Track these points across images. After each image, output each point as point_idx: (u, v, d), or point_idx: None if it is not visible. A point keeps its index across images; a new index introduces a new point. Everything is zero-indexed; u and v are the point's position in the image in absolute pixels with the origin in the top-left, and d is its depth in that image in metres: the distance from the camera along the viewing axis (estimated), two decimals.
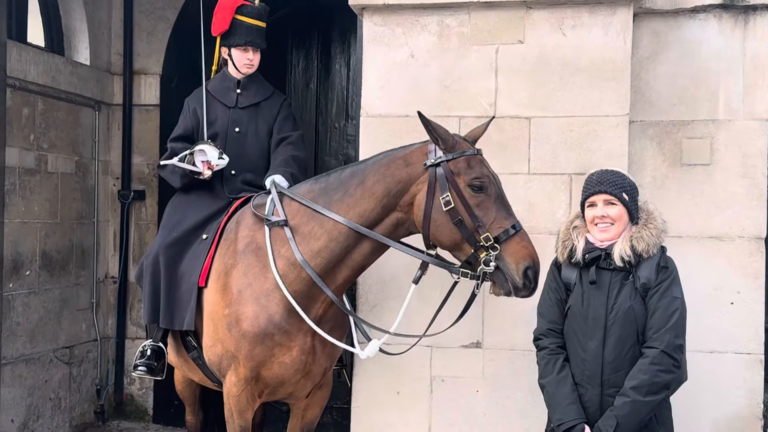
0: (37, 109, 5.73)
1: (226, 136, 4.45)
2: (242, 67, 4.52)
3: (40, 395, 5.87)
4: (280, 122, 4.53)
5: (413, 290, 3.64)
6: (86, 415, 6.39)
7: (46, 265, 5.87)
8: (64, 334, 6.09)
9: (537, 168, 3.98)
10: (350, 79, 6.46)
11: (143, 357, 4.14)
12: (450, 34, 4.07)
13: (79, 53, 6.31)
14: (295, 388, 3.94)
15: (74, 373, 6.23)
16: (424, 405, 4.09)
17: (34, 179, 5.72)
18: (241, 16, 4.48)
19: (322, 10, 6.27)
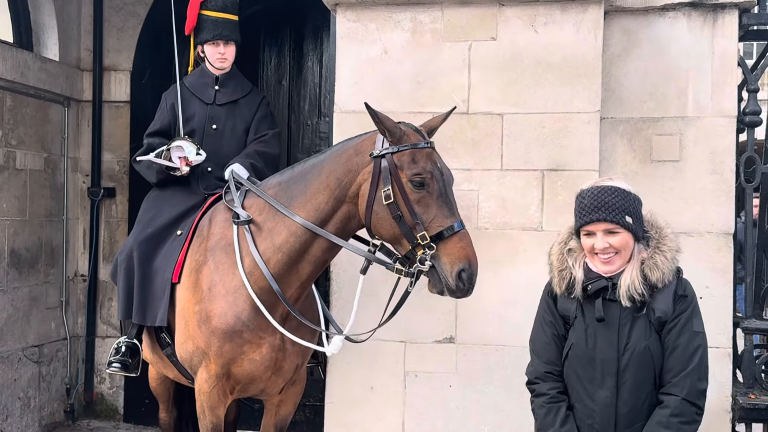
0: (6, 105, 5.66)
1: (203, 132, 4.44)
2: (215, 61, 4.51)
3: (9, 394, 5.80)
4: (258, 121, 4.54)
5: (362, 281, 3.59)
6: (56, 414, 6.33)
7: (15, 263, 5.80)
8: (33, 333, 6.02)
9: (510, 164, 4.01)
10: (323, 76, 6.45)
11: (117, 354, 4.12)
12: (423, 31, 4.08)
13: (48, 49, 6.24)
14: (267, 384, 3.93)
15: (44, 372, 6.16)
16: (398, 400, 4.10)
17: (2, 176, 5.65)
18: (207, 11, 4.49)
19: (294, 7, 6.25)
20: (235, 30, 4.55)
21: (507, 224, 4.00)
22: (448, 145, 4.03)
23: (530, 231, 3.98)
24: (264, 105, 4.62)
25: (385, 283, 4.06)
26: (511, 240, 4.01)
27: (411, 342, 4.08)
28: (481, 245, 3.99)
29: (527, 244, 3.98)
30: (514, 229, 3.98)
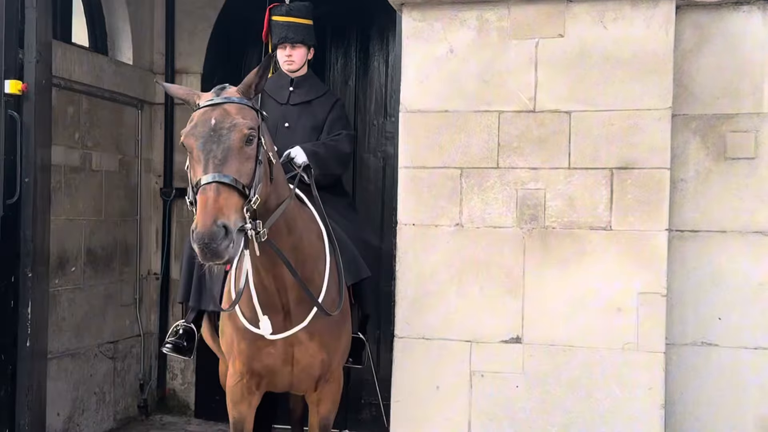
0: (82, 108, 5.84)
1: (275, 130, 4.55)
2: (283, 64, 4.67)
3: (85, 389, 5.98)
4: (331, 121, 4.66)
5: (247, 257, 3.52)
6: (130, 409, 6.50)
7: (91, 261, 5.98)
8: (108, 330, 6.19)
9: (578, 162, 3.96)
10: (388, 76, 6.47)
11: (174, 336, 4.23)
12: (489, 29, 4.06)
13: (122, 53, 6.41)
14: (291, 379, 3.95)
15: (118, 368, 6.34)
16: (464, 400, 4.08)
17: (79, 177, 5.83)
18: (275, 16, 4.68)
19: (360, 8, 6.29)
20: (304, 33, 4.67)
21: (574, 223, 3.95)
22: (514, 144, 4.01)
23: (599, 230, 3.92)
24: (339, 107, 4.74)
25: (451, 282, 4.07)
26: (579, 239, 3.95)
27: (477, 342, 4.06)
28: (548, 244, 3.98)
29: (595, 243, 3.92)
30: (581, 229, 3.93)
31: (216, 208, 3.02)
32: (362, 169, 6.56)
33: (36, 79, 4.70)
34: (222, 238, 2.98)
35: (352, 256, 4.21)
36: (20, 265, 4.72)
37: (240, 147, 3.19)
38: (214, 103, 3.27)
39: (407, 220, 4.15)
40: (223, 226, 3.00)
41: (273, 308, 3.76)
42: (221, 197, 3.05)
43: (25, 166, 4.68)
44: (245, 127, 3.22)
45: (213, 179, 3.06)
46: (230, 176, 3.10)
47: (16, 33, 4.67)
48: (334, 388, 4.11)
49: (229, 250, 3.01)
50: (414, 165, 4.15)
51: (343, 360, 4.14)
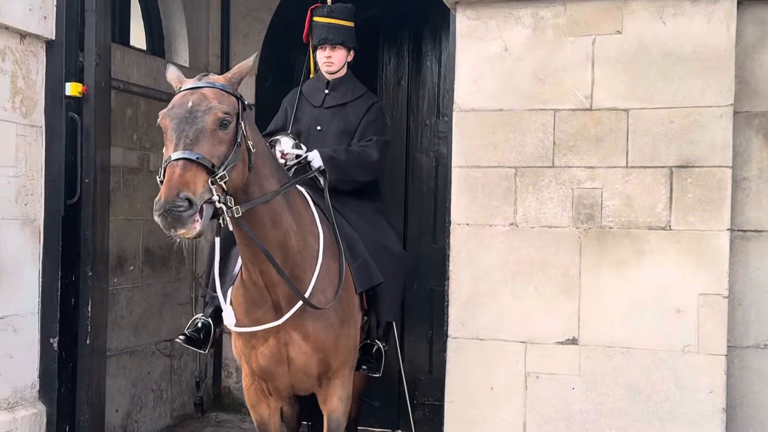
0: (140, 110, 5.94)
1: (308, 133, 4.59)
2: (322, 65, 4.67)
3: (143, 386, 6.09)
4: (364, 125, 4.61)
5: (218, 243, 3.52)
6: (186, 406, 6.59)
7: (149, 261, 6.08)
8: (165, 328, 6.29)
9: (636, 161, 3.88)
10: (441, 75, 6.46)
11: (192, 328, 4.25)
12: (545, 26, 4.01)
13: (178, 55, 6.51)
14: (289, 380, 3.93)
15: (175, 366, 6.43)
16: (519, 401, 4.04)
17: (137, 178, 5.93)
18: (317, 17, 4.67)
19: (413, 8, 6.29)
20: (344, 34, 4.64)
21: (632, 223, 3.88)
22: (570, 143, 3.95)
23: (657, 230, 3.85)
24: (374, 110, 4.67)
25: (505, 282, 4.03)
26: (637, 239, 3.88)
27: (532, 343, 4.02)
28: (604, 244, 3.91)
29: (654, 243, 3.85)
30: (640, 228, 3.85)
31: (181, 182, 3.02)
32: (414, 169, 6.55)
33: (96, 81, 4.80)
34: (185, 209, 2.99)
35: (364, 263, 4.19)
36: (80, 264, 4.83)
37: (213, 129, 3.20)
38: (194, 87, 3.30)
39: (461, 220, 4.13)
40: (186, 199, 3.00)
41: (264, 304, 3.76)
42: (188, 173, 3.05)
43: (86, 167, 4.79)
44: (220, 111, 3.22)
45: (181, 156, 3.08)
46: (199, 154, 3.10)
47: (76, 36, 4.78)
48: (338, 384, 4.04)
49: (193, 220, 3.01)
50: (467, 164, 4.12)
51: (347, 363, 4.07)
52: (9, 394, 4.59)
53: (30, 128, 4.68)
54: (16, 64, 4.58)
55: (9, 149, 4.55)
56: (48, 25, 4.68)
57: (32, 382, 4.75)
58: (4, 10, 4.40)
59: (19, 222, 4.64)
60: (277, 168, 3.81)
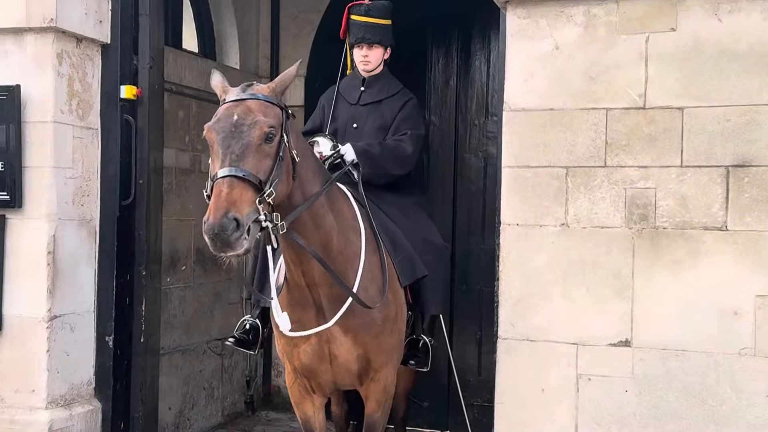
0: (192, 112, 6.03)
1: (344, 131, 4.61)
2: (359, 64, 4.68)
3: (194, 385, 6.17)
4: (399, 121, 4.61)
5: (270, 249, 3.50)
6: (237, 405, 6.67)
7: (200, 260, 6.16)
8: (216, 327, 6.37)
9: (690, 160, 3.82)
10: (490, 75, 6.43)
11: (241, 330, 4.30)
12: (597, 24, 3.96)
13: (229, 57, 6.59)
14: (332, 376, 3.93)
15: (226, 365, 6.51)
16: (571, 404, 4.00)
17: (189, 179, 6.02)
18: (354, 16, 4.66)
19: (462, 7, 6.28)
20: (381, 33, 4.64)
21: (687, 223, 3.81)
22: (623, 142, 3.90)
23: (713, 230, 3.78)
24: (410, 106, 4.65)
25: (557, 283, 4.00)
26: (692, 240, 3.82)
27: (584, 344, 3.98)
28: (658, 245, 3.85)
29: (710, 244, 3.78)
30: (695, 229, 3.79)
31: (228, 201, 3.04)
32: (463, 170, 6.53)
33: (149, 84, 4.89)
34: (232, 230, 3.00)
35: (407, 256, 4.18)
36: (135, 263, 4.92)
37: (258, 144, 3.21)
38: (239, 99, 3.31)
39: (511, 220, 4.10)
40: (234, 219, 3.02)
41: (305, 304, 3.77)
42: (234, 191, 3.07)
43: (140, 168, 4.87)
44: (265, 125, 3.23)
45: (228, 173, 3.09)
46: (246, 170, 3.12)
47: (131, 40, 4.88)
48: (378, 387, 4.02)
49: (241, 241, 3.03)
50: (517, 164, 4.09)
51: (390, 362, 4.05)
52: (66, 391, 4.70)
53: (86, 130, 4.79)
54: (72, 67, 4.68)
55: (66, 151, 4.65)
56: (103, 30, 4.79)
57: (88, 380, 4.85)
58: (61, 15, 4.51)
59: (76, 222, 4.74)
60: (318, 169, 3.83)
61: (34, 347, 4.58)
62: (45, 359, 4.57)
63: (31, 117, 4.58)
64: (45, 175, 4.57)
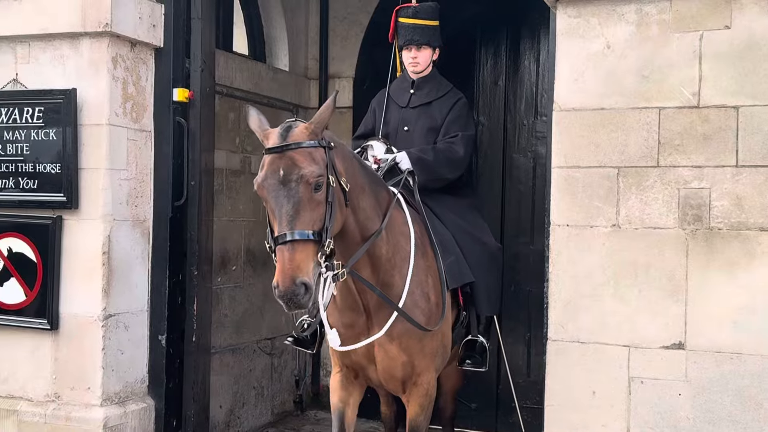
0: (242, 114, 6.09)
1: (396, 134, 4.64)
2: (408, 66, 4.69)
3: (244, 383, 6.24)
4: (449, 122, 4.61)
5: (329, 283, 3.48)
6: (286, 404, 6.72)
7: (250, 260, 6.23)
8: (266, 326, 6.43)
9: (746, 160, 3.74)
10: (539, 74, 6.38)
11: (299, 329, 4.35)
12: (649, 23, 3.91)
13: (278, 60, 6.65)
14: (376, 376, 4.01)
15: (275, 364, 6.57)
16: (622, 407, 3.96)
17: (239, 180, 6.09)
18: (402, 18, 4.68)
19: (511, 7, 6.24)
20: (429, 34, 4.65)
21: (743, 224, 3.74)
22: (676, 142, 3.84)
23: None
24: (459, 107, 4.65)
25: (608, 285, 3.96)
26: (748, 241, 3.74)
27: (636, 347, 3.93)
28: (713, 246, 3.79)
29: (766, 245, 3.70)
30: (751, 230, 3.71)
31: (293, 267, 3.17)
32: (512, 170, 6.50)
33: (201, 87, 4.96)
34: (303, 295, 3.16)
35: (455, 261, 4.20)
36: (187, 263, 4.99)
37: (309, 197, 3.28)
38: (281, 150, 3.30)
39: (560, 221, 4.07)
40: (303, 284, 3.16)
41: (356, 309, 3.84)
42: (296, 254, 3.19)
43: (191, 169, 4.95)
44: (311, 176, 3.27)
45: (289, 238, 3.20)
46: (303, 231, 3.22)
47: (183, 43, 4.95)
48: (420, 392, 4.04)
49: (311, 299, 3.21)
50: (567, 165, 4.06)
51: (432, 364, 4.05)
52: (120, 389, 4.79)
53: (140, 133, 4.88)
54: (126, 71, 4.77)
55: (121, 153, 4.74)
56: (157, 33, 4.87)
57: (142, 378, 4.94)
58: (116, 19, 4.60)
59: (130, 223, 4.83)
60: (370, 183, 3.84)
61: (89, 346, 4.68)
62: (100, 357, 4.66)
63: (87, 120, 4.68)
64: (100, 176, 4.67)
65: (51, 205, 4.74)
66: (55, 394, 4.76)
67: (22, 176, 4.78)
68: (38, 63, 4.78)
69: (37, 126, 4.73)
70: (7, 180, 4.80)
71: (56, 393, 4.75)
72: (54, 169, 4.70)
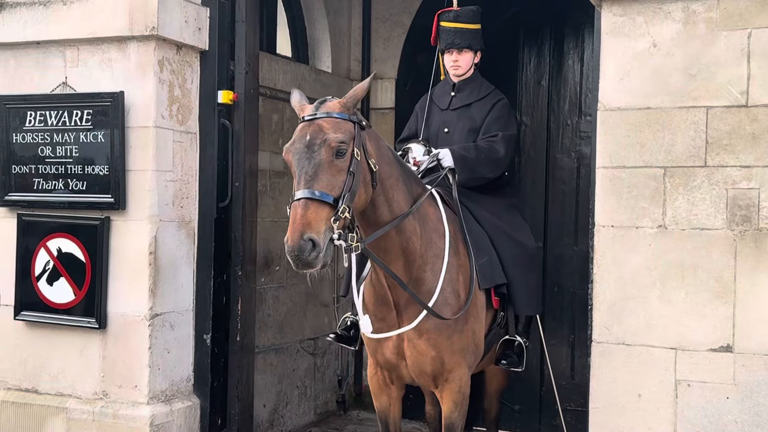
0: (285, 116, 6.14)
1: (436, 136, 4.68)
2: (450, 69, 4.74)
3: (288, 383, 6.28)
4: (489, 122, 4.62)
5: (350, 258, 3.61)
6: (329, 403, 6.75)
7: None
8: (308, 326, 6.47)
9: None
10: (583, 74, 6.33)
11: (342, 326, 4.41)
12: (696, 21, 3.86)
13: (321, 61, 6.69)
14: (407, 373, 4.04)
15: (318, 364, 6.60)
16: (669, 410, 3.91)
17: (282, 181, 6.13)
18: (443, 22, 4.72)
19: (554, 6, 6.20)
20: (470, 37, 4.67)
21: None
22: (724, 141, 3.79)
23: None
24: (499, 107, 4.66)
25: (654, 286, 3.91)
26: None
27: (682, 349, 3.87)
28: (762, 247, 3.72)
29: None
30: None
31: (303, 222, 3.21)
32: (555, 170, 6.45)
33: (245, 89, 5.00)
34: (309, 251, 3.18)
35: (488, 261, 4.21)
36: (231, 264, 5.04)
37: (330, 161, 3.35)
38: (312, 118, 3.45)
39: (605, 222, 4.03)
40: (310, 240, 3.19)
41: (386, 304, 3.89)
42: (309, 212, 3.23)
43: (236, 171, 5.00)
44: (335, 141, 3.36)
45: (302, 195, 3.26)
46: (319, 191, 3.27)
47: (227, 46, 5.01)
48: (453, 388, 4.04)
49: (319, 259, 3.22)
50: (612, 165, 4.02)
51: (463, 361, 4.05)
52: (166, 387, 4.86)
53: (185, 135, 4.94)
54: (173, 74, 4.84)
55: (167, 155, 4.81)
56: (202, 37, 4.93)
57: (187, 376, 5.00)
58: (162, 23, 4.67)
59: (176, 224, 4.90)
60: (404, 174, 3.88)
61: (136, 344, 4.75)
62: (147, 356, 4.73)
63: (134, 122, 4.76)
64: (147, 178, 4.74)
65: (99, 206, 4.82)
66: (103, 392, 4.84)
67: (71, 178, 4.87)
68: (87, 66, 4.87)
69: (86, 128, 4.82)
70: (56, 182, 4.90)
71: (104, 391, 4.84)
72: (102, 170, 4.78)
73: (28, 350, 5.00)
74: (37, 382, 4.96)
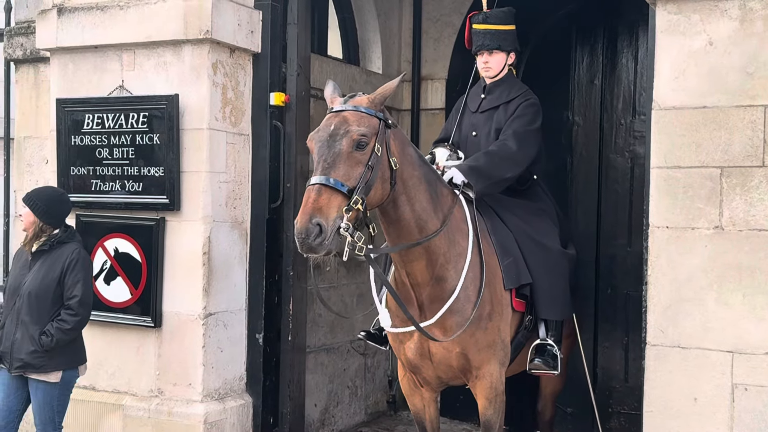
0: None
1: (465, 140, 4.66)
2: (481, 71, 4.73)
3: (339, 383, 6.32)
4: (510, 121, 4.56)
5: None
6: (379, 404, 6.77)
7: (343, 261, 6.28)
8: (359, 327, 6.47)
9: None
10: (638, 73, 6.25)
11: (375, 326, 4.41)
12: (753, 18, 3.78)
13: (372, 63, 6.71)
14: (434, 372, 4.03)
15: (368, 364, 6.62)
16: (725, 414, 3.83)
17: None
18: (474, 24, 4.71)
19: (607, 5, 6.13)
20: (500, 38, 4.62)
21: None
22: None
23: None
24: (523, 107, 4.56)
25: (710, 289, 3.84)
26: None
27: (740, 353, 3.80)
28: None
29: None
30: None
31: (314, 207, 3.24)
32: (608, 170, 6.38)
33: (297, 91, 5.06)
34: (315, 235, 3.20)
35: (513, 261, 4.19)
36: (283, 264, 5.09)
37: (349, 152, 3.38)
38: (340, 110, 3.51)
39: (660, 223, 3.97)
40: (318, 224, 3.21)
41: (409, 302, 3.89)
42: (321, 198, 3.27)
43: (287, 172, 5.05)
44: (356, 133, 3.40)
45: (317, 181, 3.30)
46: (334, 179, 3.31)
47: (279, 48, 5.06)
48: (485, 384, 4.03)
49: (323, 245, 3.23)
50: (667, 165, 3.96)
51: (492, 360, 4.02)
52: (219, 386, 4.92)
53: (238, 136, 5.00)
54: (226, 76, 4.91)
55: (220, 156, 4.88)
56: (255, 39, 4.99)
57: (240, 375, 5.07)
58: (216, 26, 4.74)
59: (229, 224, 4.96)
60: (427, 176, 3.87)
61: (190, 343, 4.83)
62: (201, 354, 4.81)
63: (188, 124, 4.84)
64: (201, 179, 4.81)
65: (154, 206, 4.91)
66: (158, 390, 4.93)
67: (128, 179, 4.97)
68: (143, 70, 4.96)
69: (142, 131, 4.91)
70: (113, 183, 5.00)
71: (159, 388, 4.92)
72: (157, 172, 4.87)
73: (87, 348, 5.11)
74: (95, 379, 5.07)
